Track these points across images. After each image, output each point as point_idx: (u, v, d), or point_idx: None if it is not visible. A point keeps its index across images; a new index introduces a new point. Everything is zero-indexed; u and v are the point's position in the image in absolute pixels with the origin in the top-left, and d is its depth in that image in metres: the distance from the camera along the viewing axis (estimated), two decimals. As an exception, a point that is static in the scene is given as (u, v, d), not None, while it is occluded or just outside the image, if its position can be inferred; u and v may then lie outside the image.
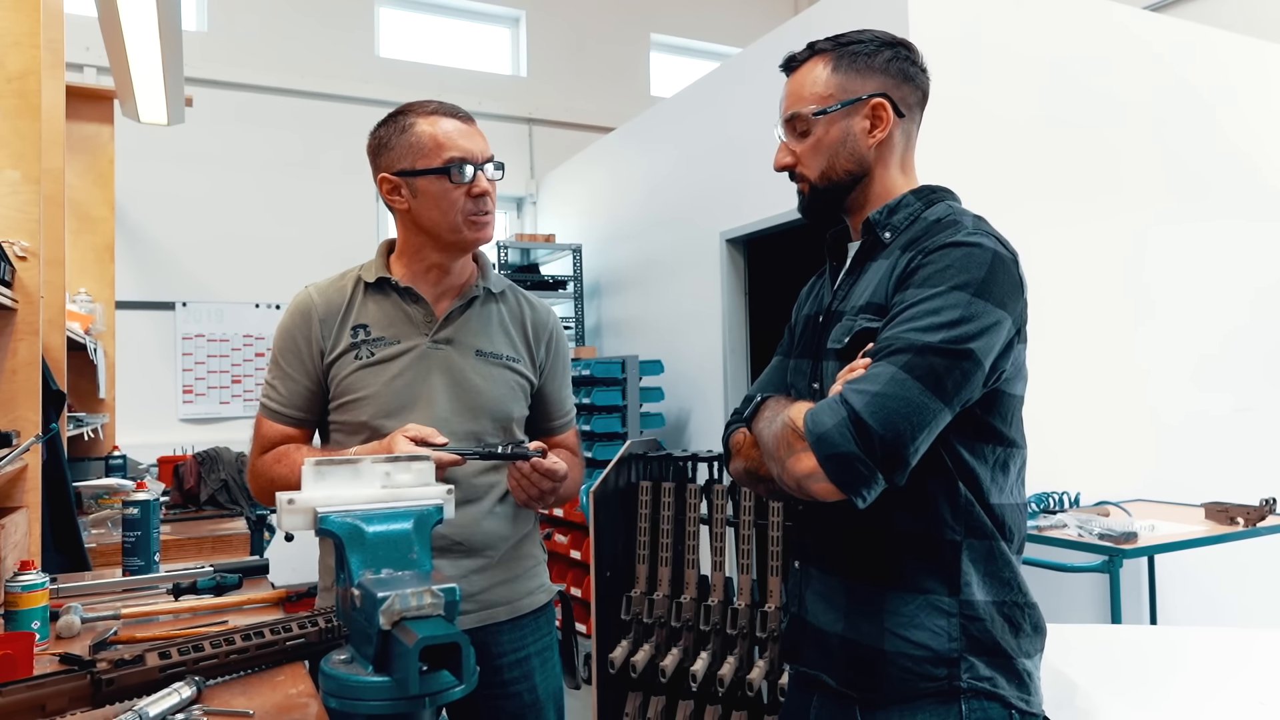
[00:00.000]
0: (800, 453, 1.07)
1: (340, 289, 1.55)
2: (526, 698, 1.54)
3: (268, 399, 1.54)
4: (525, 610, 1.56)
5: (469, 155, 1.47)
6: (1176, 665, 1.66)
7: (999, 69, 3.27)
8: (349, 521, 0.93)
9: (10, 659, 1.12)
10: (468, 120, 1.51)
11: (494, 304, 1.60)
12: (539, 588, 1.61)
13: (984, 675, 1.13)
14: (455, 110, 1.51)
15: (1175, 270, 3.61)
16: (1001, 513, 1.17)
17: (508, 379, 1.56)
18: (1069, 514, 2.90)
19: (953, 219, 1.17)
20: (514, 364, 1.57)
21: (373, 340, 1.51)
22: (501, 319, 1.59)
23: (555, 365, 1.65)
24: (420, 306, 1.53)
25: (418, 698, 0.82)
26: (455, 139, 1.47)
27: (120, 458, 3.20)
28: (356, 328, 1.52)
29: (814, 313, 1.32)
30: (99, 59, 4.67)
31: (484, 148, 1.50)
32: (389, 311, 1.53)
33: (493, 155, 1.52)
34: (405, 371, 1.49)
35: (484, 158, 1.50)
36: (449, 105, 1.52)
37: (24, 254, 1.82)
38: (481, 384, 1.52)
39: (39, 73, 1.86)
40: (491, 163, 1.51)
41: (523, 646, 1.55)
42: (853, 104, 1.21)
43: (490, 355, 1.55)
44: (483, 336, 1.55)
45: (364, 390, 1.49)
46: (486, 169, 1.50)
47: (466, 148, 1.47)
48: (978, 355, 1.06)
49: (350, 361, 1.50)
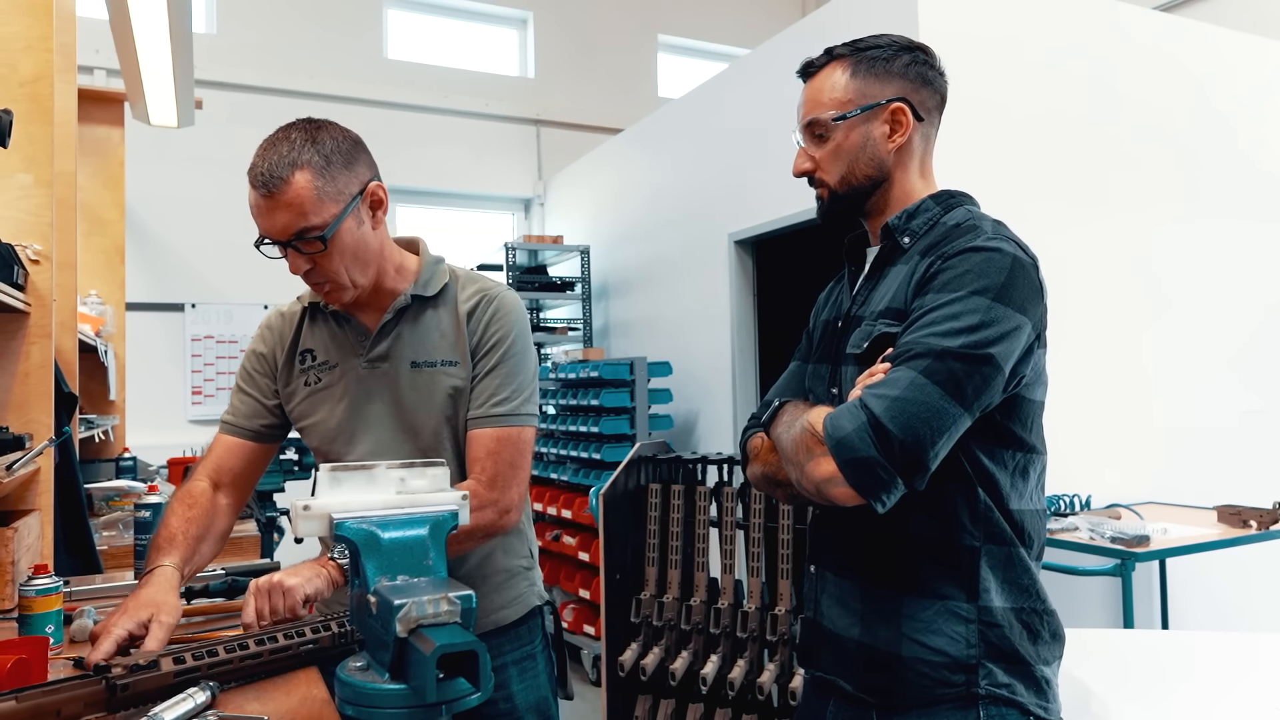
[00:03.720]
0: (820, 457, 1.07)
1: (292, 314, 1.55)
2: (503, 706, 1.49)
3: (225, 413, 1.54)
4: (491, 627, 1.48)
5: (267, 234, 1.35)
6: (1193, 670, 1.65)
7: (1008, 70, 3.26)
8: (364, 528, 0.93)
9: (24, 663, 1.12)
10: (268, 193, 1.31)
11: (429, 308, 1.47)
12: (512, 600, 1.53)
13: (1002, 682, 1.13)
14: (260, 171, 1.32)
15: (1187, 271, 3.59)
16: (1021, 519, 1.16)
17: (443, 384, 1.44)
18: (1080, 517, 2.88)
19: (972, 224, 1.17)
20: (450, 365, 1.44)
21: (318, 365, 1.49)
22: (438, 322, 1.47)
23: (480, 345, 1.44)
24: (351, 327, 1.49)
25: (435, 705, 0.81)
26: (254, 215, 1.35)
27: (130, 459, 3.20)
28: (304, 353, 1.51)
29: (832, 318, 1.31)
30: (109, 61, 4.68)
31: (285, 222, 1.31)
32: (328, 336, 1.50)
33: (301, 229, 1.31)
34: (345, 397, 1.47)
35: (285, 235, 1.32)
36: (262, 161, 1.32)
37: (36, 257, 1.82)
38: (416, 399, 1.44)
39: (51, 77, 1.87)
40: (296, 238, 1.32)
41: (498, 655, 1.49)
42: (872, 109, 1.21)
43: (425, 364, 1.45)
44: (417, 346, 1.45)
45: (313, 417, 1.49)
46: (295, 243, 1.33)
47: (263, 226, 1.35)
48: (998, 360, 1.05)
49: (301, 388, 1.50)
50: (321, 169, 1.32)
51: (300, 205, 1.31)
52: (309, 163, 1.31)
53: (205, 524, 1.44)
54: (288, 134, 1.35)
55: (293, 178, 1.30)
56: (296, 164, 1.31)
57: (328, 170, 1.33)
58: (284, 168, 1.30)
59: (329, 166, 1.33)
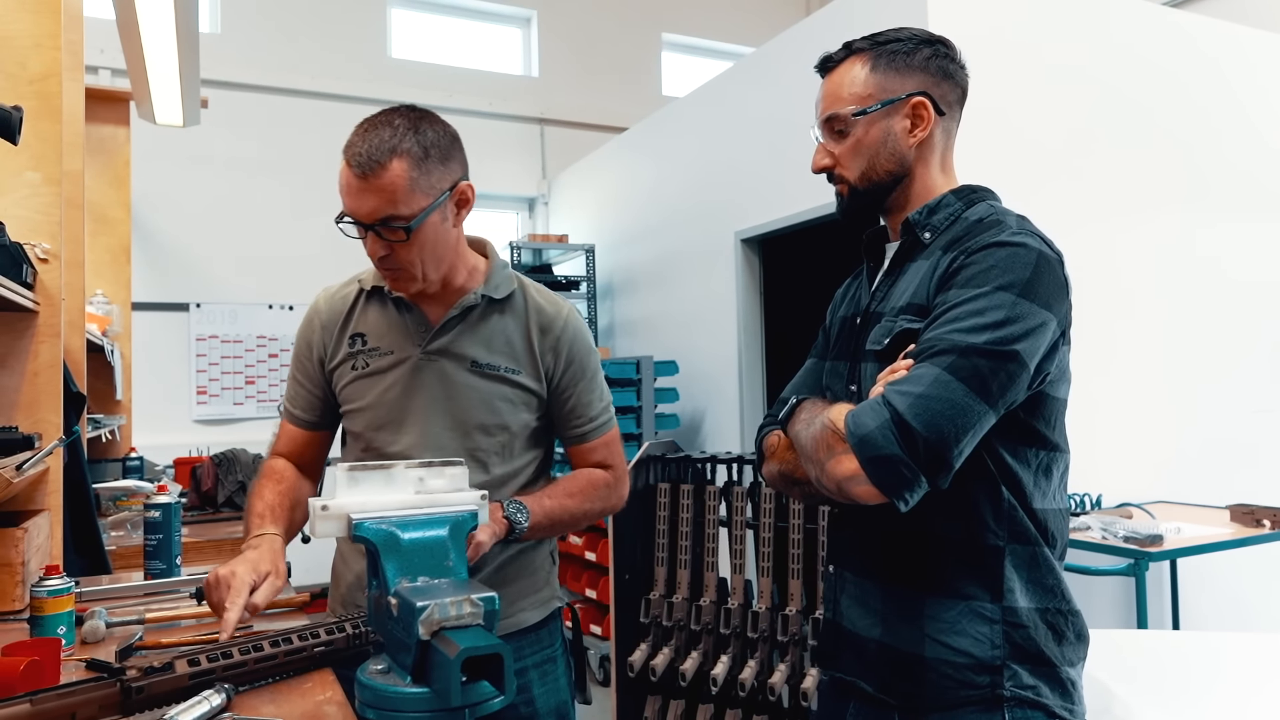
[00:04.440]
0: (841, 455, 1.05)
1: (344, 296, 1.52)
2: (524, 710, 1.48)
3: (286, 398, 1.54)
4: (513, 629, 1.48)
5: (353, 214, 1.34)
6: (1220, 672, 1.63)
7: (1020, 68, 3.24)
8: (384, 528, 0.92)
9: (38, 665, 1.11)
10: (364, 174, 1.30)
11: (496, 312, 1.48)
12: (534, 602, 1.52)
13: (1027, 684, 1.11)
14: (358, 151, 1.31)
15: (1198, 269, 3.57)
16: (1045, 518, 1.15)
17: (504, 392, 1.45)
18: (1092, 516, 2.87)
19: (995, 219, 1.15)
20: (513, 376, 1.46)
21: (368, 350, 1.47)
22: (504, 328, 1.48)
23: (567, 371, 1.50)
24: (414, 315, 1.46)
25: (459, 709, 0.80)
26: (343, 193, 1.34)
27: (137, 459, 3.19)
28: (354, 336, 1.49)
29: (851, 314, 1.30)
30: (113, 61, 4.67)
31: (375, 206, 1.31)
32: (385, 321, 1.48)
33: (389, 216, 1.31)
34: (396, 384, 1.45)
35: (371, 218, 1.32)
36: (361, 141, 1.31)
37: (45, 256, 1.81)
38: (474, 398, 1.44)
39: (60, 75, 1.85)
40: (381, 224, 1.32)
41: (519, 658, 1.49)
42: (893, 103, 1.19)
43: (486, 367, 1.45)
44: (480, 347, 1.45)
45: (359, 401, 1.47)
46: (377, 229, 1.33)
47: (349, 206, 1.34)
48: (1023, 357, 1.04)
49: (348, 371, 1.48)
50: (419, 160, 1.31)
51: (392, 192, 1.30)
52: (408, 152, 1.31)
53: (294, 496, 1.47)
54: (390, 119, 1.34)
55: (390, 164, 1.29)
56: (396, 151, 1.30)
57: (424, 162, 1.32)
58: (383, 152, 1.29)
59: (426, 159, 1.32)
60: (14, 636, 1.34)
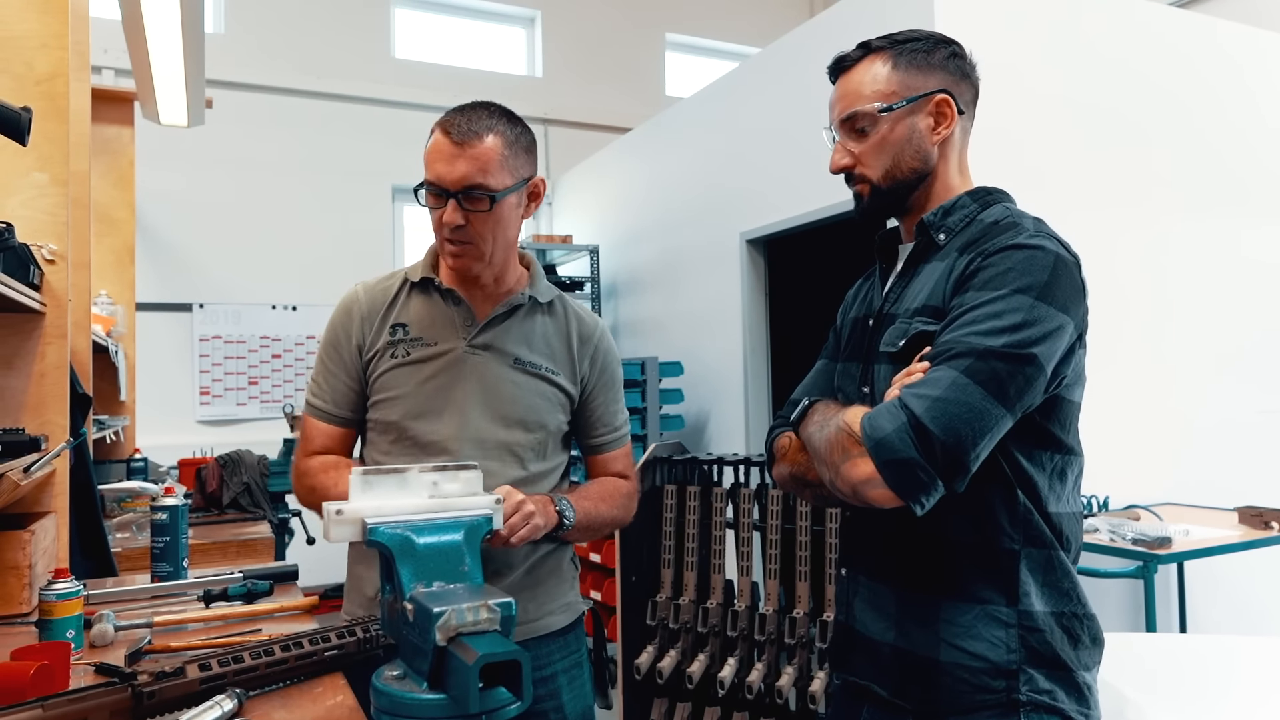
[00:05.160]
0: (857, 458, 1.04)
1: (386, 288, 1.53)
2: (553, 716, 1.48)
3: (312, 396, 1.52)
4: (542, 631, 1.49)
5: (439, 180, 1.37)
6: (1232, 675, 1.62)
7: (1026, 69, 3.23)
8: (399, 533, 0.91)
9: (47, 669, 1.10)
10: (461, 141, 1.36)
11: (539, 314, 1.54)
12: (562, 606, 1.54)
13: (1044, 688, 1.10)
14: (457, 122, 1.37)
15: (1203, 269, 3.56)
16: (1060, 521, 1.14)
17: (544, 390, 1.50)
18: (1099, 518, 2.85)
19: (1012, 221, 1.14)
20: (553, 376, 1.51)
21: (410, 340, 1.48)
22: (545, 330, 1.54)
23: (599, 380, 1.57)
24: (461, 309, 1.49)
25: (476, 716, 0.79)
26: (432, 160, 1.38)
27: (142, 460, 3.19)
28: (396, 326, 1.49)
29: (863, 315, 1.29)
30: (118, 61, 4.67)
31: (465, 172, 1.35)
32: (430, 312, 1.49)
33: (477, 184, 1.36)
34: (439, 374, 1.46)
35: (459, 185, 1.36)
36: (460, 115, 1.39)
37: (52, 257, 1.80)
38: (516, 393, 1.47)
39: (66, 75, 1.85)
40: (466, 192, 1.36)
41: (548, 664, 1.49)
42: (918, 100, 1.18)
43: (529, 365, 1.49)
44: (523, 345, 1.50)
45: (396, 390, 1.46)
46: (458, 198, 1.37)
47: (439, 171, 1.37)
48: (1040, 360, 1.03)
49: (386, 359, 1.47)
50: (511, 142, 1.41)
51: (485, 161, 1.37)
52: (503, 133, 1.40)
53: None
54: (486, 105, 1.43)
55: (486, 137, 1.38)
56: (493, 129, 1.39)
57: (515, 146, 1.42)
58: (482, 127, 1.38)
59: (516, 144, 1.42)
60: (22, 640, 1.34)
